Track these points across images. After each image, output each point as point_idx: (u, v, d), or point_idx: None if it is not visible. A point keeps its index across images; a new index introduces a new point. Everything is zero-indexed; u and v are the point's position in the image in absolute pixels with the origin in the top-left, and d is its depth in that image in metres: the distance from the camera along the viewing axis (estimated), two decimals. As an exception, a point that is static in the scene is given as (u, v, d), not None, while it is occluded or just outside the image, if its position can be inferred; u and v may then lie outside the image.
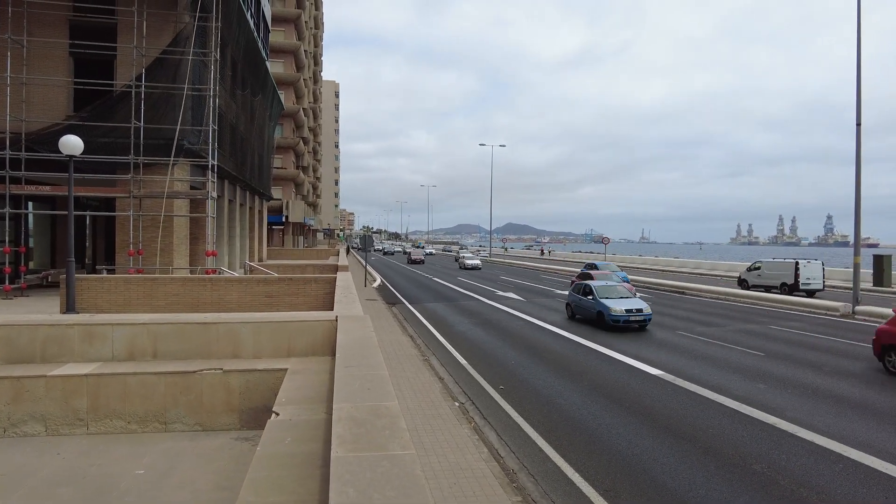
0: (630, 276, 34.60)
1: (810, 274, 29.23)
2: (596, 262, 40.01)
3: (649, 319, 18.51)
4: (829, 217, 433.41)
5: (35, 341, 7.85)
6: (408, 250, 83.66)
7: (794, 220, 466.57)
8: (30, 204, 20.09)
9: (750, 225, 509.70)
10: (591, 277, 26.26)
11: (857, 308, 21.97)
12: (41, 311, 13.60)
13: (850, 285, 25.12)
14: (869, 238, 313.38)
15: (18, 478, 5.99)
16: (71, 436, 7.15)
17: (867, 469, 7.45)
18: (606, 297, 19.03)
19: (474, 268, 52.54)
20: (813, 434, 8.71)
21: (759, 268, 32.68)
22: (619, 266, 39.66)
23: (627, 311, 18.12)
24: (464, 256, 61.89)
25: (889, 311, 20.98)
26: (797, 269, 29.10)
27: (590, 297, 19.57)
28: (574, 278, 29.51)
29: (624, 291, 20.40)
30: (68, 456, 6.57)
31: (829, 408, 10.13)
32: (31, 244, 21.80)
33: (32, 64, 18.05)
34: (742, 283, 33.51)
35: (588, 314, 19.59)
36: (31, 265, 20.60)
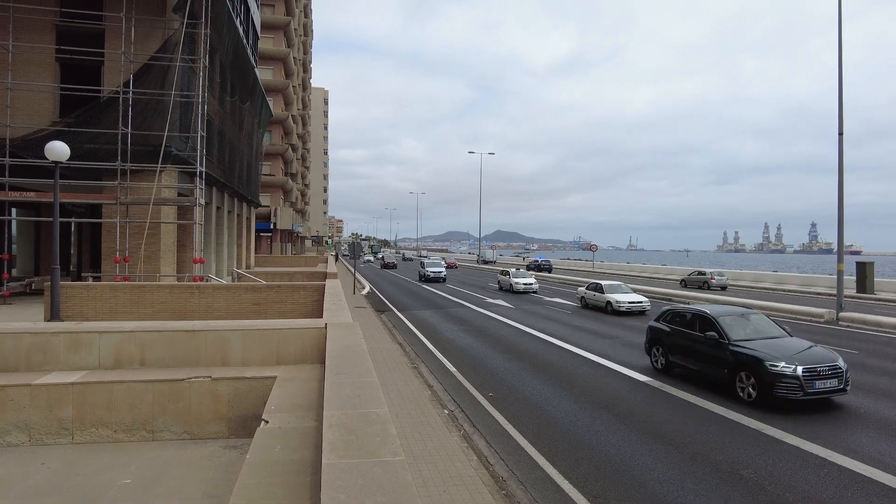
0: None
1: None
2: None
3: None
4: (814, 225, 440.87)
5: (19, 349, 7.74)
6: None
7: (779, 228, 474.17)
8: (13, 210, 19.84)
9: (736, 232, 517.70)
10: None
11: (841, 314, 22.28)
12: (25, 319, 13.42)
13: (834, 292, 25.47)
14: (852, 245, 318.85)
15: (1, 488, 5.89)
16: (56, 445, 7.04)
17: (851, 474, 7.54)
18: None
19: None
20: (799, 440, 8.80)
21: None
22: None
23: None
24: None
25: (872, 317, 21.30)
26: None
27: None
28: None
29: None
30: (53, 466, 6.48)
31: (814, 413, 10.24)
32: (14, 251, 21.51)
33: (18, 69, 17.90)
34: None
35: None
36: (14, 272, 20.33)
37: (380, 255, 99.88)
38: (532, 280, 35.81)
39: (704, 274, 40.79)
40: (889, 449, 8.44)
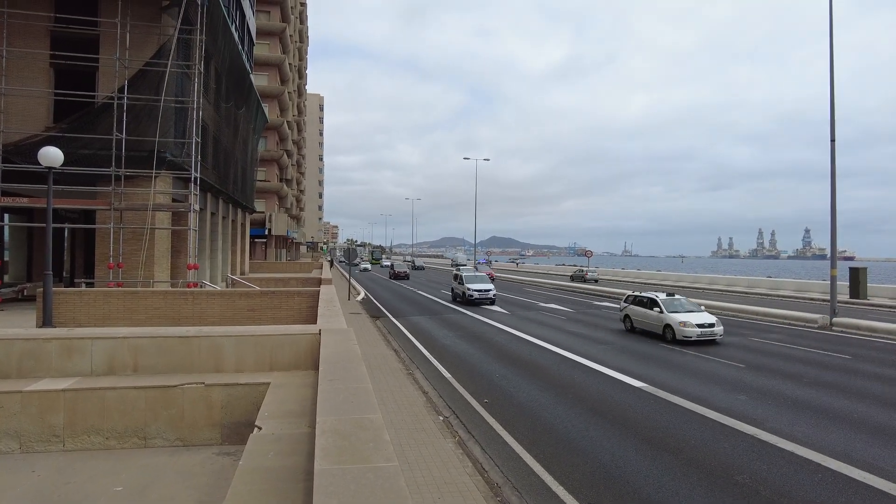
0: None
1: None
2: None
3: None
4: (807, 230, 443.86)
5: (10, 356, 7.68)
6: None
7: (773, 234, 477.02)
8: (6, 216, 19.74)
9: (730, 238, 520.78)
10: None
11: (835, 320, 22.37)
12: (17, 325, 13.31)
13: (828, 297, 25.58)
14: (845, 251, 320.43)
15: (-9, 496, 5.83)
16: (46, 453, 6.98)
17: (845, 478, 7.56)
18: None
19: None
20: (793, 444, 8.82)
21: None
22: None
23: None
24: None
25: (866, 322, 21.40)
26: None
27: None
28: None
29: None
30: (43, 473, 6.42)
31: (808, 418, 10.27)
32: (6, 257, 21.38)
33: (12, 74, 17.83)
34: None
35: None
36: (7, 278, 20.20)
37: (387, 263, 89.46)
38: (712, 319, 19.16)
39: (583, 270, 56.20)
40: (883, 453, 8.46)
